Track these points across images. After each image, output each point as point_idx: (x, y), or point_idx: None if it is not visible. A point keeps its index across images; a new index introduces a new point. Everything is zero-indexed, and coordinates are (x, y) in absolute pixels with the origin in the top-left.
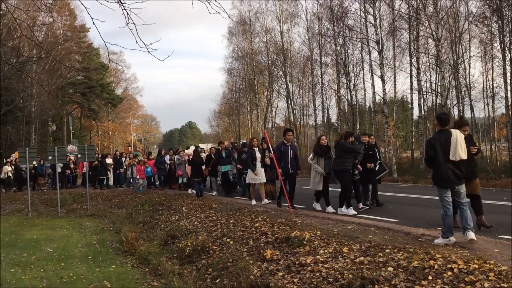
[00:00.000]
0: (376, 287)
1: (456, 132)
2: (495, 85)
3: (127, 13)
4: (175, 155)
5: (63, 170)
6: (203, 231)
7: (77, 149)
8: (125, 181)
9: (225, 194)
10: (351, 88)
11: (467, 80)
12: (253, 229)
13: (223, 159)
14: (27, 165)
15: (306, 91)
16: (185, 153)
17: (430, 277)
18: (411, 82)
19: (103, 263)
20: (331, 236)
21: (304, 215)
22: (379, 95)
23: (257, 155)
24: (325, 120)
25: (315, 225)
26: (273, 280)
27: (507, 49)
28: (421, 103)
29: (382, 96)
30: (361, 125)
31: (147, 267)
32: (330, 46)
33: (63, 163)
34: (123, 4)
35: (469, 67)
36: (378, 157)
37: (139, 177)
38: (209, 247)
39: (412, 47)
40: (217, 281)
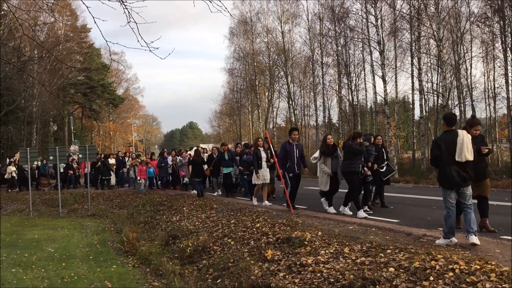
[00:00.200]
0: (377, 287)
1: (463, 132)
2: (496, 85)
3: (128, 12)
4: (177, 156)
5: (65, 170)
6: (204, 231)
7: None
8: (128, 181)
9: (225, 194)
10: (352, 88)
11: (469, 80)
12: (254, 229)
13: (225, 161)
14: (28, 165)
15: (307, 92)
16: (188, 153)
17: (431, 278)
18: (412, 83)
19: (104, 263)
20: (332, 236)
21: (305, 216)
22: (380, 95)
23: (262, 154)
24: (326, 121)
25: (316, 226)
26: (274, 281)
27: (508, 49)
28: (423, 103)
29: (383, 97)
30: (362, 125)
31: (148, 267)
32: (331, 46)
33: (65, 163)
34: (124, 3)
35: (471, 67)
36: (385, 158)
37: (139, 177)
38: (210, 247)
39: (413, 48)
40: (218, 281)
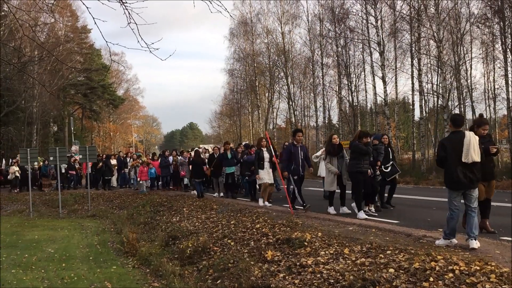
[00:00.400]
0: None
1: (470, 134)
2: (496, 86)
3: (128, 13)
4: (178, 156)
5: (66, 170)
6: (204, 232)
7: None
8: (129, 181)
9: (227, 195)
10: (352, 89)
11: (469, 81)
12: (254, 230)
13: (228, 160)
14: (28, 166)
15: (307, 92)
16: (188, 154)
17: (431, 279)
18: (412, 84)
19: (104, 264)
20: (332, 237)
21: (305, 216)
22: (380, 96)
23: (265, 155)
24: (326, 121)
25: (316, 226)
26: (274, 281)
27: (508, 50)
28: (422, 104)
29: (383, 97)
30: (362, 126)
31: (148, 268)
32: (331, 47)
33: (66, 164)
34: (124, 4)
35: (471, 68)
36: (391, 158)
37: (140, 179)
38: (210, 248)
39: (413, 49)
40: (218, 282)
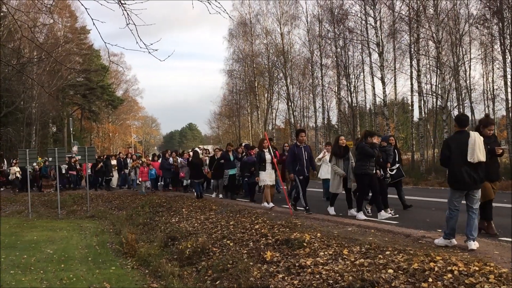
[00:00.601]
0: None
1: (475, 134)
2: (495, 87)
3: (127, 14)
4: (178, 157)
5: (66, 171)
6: (203, 232)
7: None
8: (129, 182)
9: (225, 195)
10: (352, 90)
11: (468, 82)
12: (253, 231)
13: (230, 162)
14: (27, 167)
15: (306, 93)
16: (189, 155)
17: (430, 279)
18: (411, 84)
19: (103, 265)
20: (331, 238)
21: (304, 217)
22: (379, 97)
23: (267, 156)
24: (326, 122)
25: (315, 227)
26: (273, 282)
27: (507, 51)
28: (422, 105)
29: (382, 98)
30: (361, 127)
31: (147, 268)
32: (330, 48)
33: (66, 164)
34: (123, 5)
35: (470, 69)
36: (397, 160)
37: (141, 179)
38: (209, 249)
39: (412, 49)
40: (217, 283)
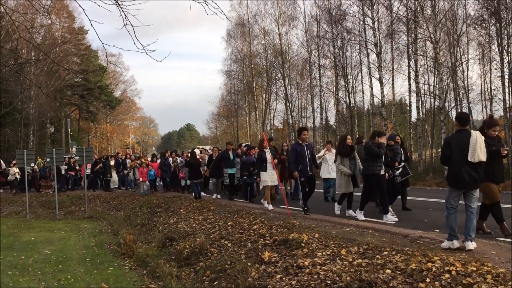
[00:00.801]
0: None
1: (476, 133)
2: (493, 87)
3: (124, 14)
4: (177, 157)
5: (66, 171)
6: (201, 233)
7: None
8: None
9: (228, 197)
10: (350, 90)
11: (465, 82)
12: (251, 231)
13: (230, 161)
14: (24, 167)
15: (304, 93)
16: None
17: (428, 280)
18: (409, 85)
19: (101, 266)
20: (329, 238)
21: (302, 217)
22: (377, 97)
23: (268, 156)
24: (324, 122)
25: (313, 227)
26: (271, 283)
27: (505, 51)
28: (419, 105)
29: (380, 99)
30: (359, 127)
31: (145, 269)
32: (328, 48)
33: (66, 165)
34: (120, 6)
35: (467, 69)
36: (403, 159)
37: (141, 179)
38: (207, 249)
39: (410, 50)
40: (215, 283)
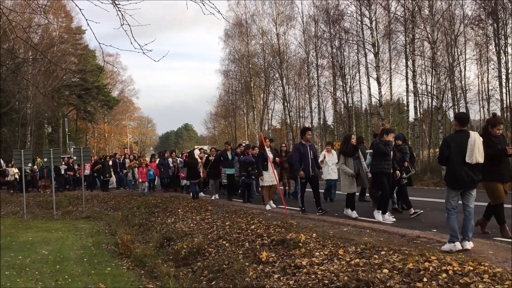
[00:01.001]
0: None
1: (474, 134)
2: (490, 87)
3: (121, 14)
4: (177, 158)
5: (65, 171)
6: (199, 233)
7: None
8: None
9: (227, 197)
10: (347, 90)
11: (463, 82)
12: (249, 231)
13: (228, 161)
14: (22, 167)
15: (302, 93)
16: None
17: (425, 279)
18: (407, 85)
19: (99, 266)
20: (326, 238)
21: (299, 217)
22: (375, 97)
23: (269, 155)
24: (321, 123)
25: (311, 227)
26: (268, 283)
27: (502, 51)
28: (417, 105)
29: (378, 99)
30: (357, 127)
31: (143, 269)
32: (326, 48)
33: (65, 165)
34: (117, 5)
35: (465, 69)
36: (406, 158)
37: (141, 179)
38: (205, 249)
39: (408, 50)
40: (213, 283)
